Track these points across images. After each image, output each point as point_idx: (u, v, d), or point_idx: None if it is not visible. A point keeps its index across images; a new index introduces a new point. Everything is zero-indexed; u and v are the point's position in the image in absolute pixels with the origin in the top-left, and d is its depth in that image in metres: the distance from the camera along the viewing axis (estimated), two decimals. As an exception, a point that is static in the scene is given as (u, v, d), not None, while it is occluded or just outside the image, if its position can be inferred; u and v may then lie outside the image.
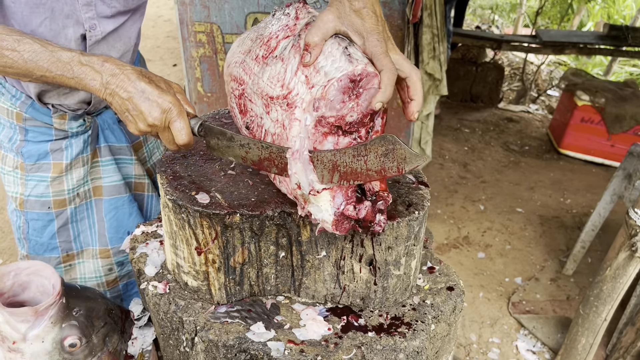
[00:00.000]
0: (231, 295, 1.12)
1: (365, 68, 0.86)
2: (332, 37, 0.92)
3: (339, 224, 0.94)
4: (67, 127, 1.40)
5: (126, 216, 1.56)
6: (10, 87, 1.35)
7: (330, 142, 0.91)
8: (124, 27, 1.33)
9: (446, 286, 1.20)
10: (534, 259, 3.15)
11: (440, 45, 2.94)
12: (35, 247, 1.49)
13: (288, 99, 0.94)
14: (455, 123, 5.01)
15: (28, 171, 1.42)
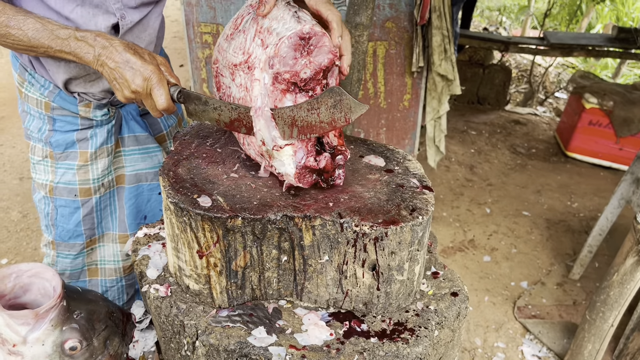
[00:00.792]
0: (233, 299, 1.11)
1: (312, 27, 0.98)
2: (284, 5, 1.03)
3: (302, 177, 1.06)
4: (92, 115, 1.47)
5: (144, 202, 1.63)
6: (39, 77, 1.43)
7: (289, 100, 1.02)
8: (148, 18, 1.41)
9: (450, 292, 1.18)
10: (540, 263, 3.12)
11: (451, 45, 2.93)
12: (61, 233, 1.56)
13: (248, 63, 1.05)
14: (461, 125, 4.98)
15: (57, 159, 1.50)
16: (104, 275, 1.64)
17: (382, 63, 3.06)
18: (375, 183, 1.14)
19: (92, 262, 1.63)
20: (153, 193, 1.62)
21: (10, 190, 3.49)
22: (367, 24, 1.85)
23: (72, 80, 1.41)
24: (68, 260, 1.58)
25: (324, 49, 0.99)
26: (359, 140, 1.32)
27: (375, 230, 1.00)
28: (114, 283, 1.66)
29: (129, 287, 1.68)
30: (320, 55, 0.99)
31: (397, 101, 3.16)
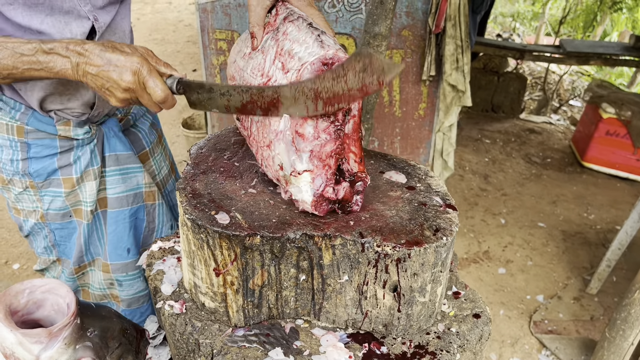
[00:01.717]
0: (249, 318, 1.08)
1: (336, 53, 0.93)
2: (306, 26, 0.99)
3: (318, 205, 1.01)
4: (73, 134, 1.37)
5: (126, 232, 1.52)
6: (7, 99, 1.32)
7: (310, 125, 0.96)
8: (115, 19, 1.34)
9: (472, 313, 1.15)
10: (556, 277, 3.06)
11: (464, 56, 2.89)
12: (64, 250, 1.50)
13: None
14: (476, 133, 4.94)
15: (40, 188, 1.40)
16: (94, 299, 1.58)
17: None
18: (397, 201, 1.10)
19: (84, 284, 1.58)
20: (136, 218, 1.53)
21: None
22: (386, 34, 1.83)
23: (48, 97, 1.30)
24: (64, 278, 1.53)
25: None
26: (379, 155, 1.29)
27: (398, 251, 0.97)
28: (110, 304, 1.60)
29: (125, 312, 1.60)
30: None
31: (412, 110, 3.12)
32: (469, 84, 2.98)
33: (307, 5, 1.09)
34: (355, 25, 2.90)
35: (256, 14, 1.08)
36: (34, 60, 1.07)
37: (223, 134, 1.33)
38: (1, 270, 2.84)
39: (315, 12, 1.09)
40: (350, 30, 2.92)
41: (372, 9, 1.83)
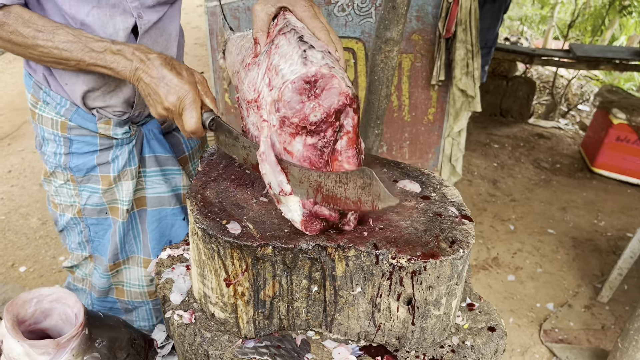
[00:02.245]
0: (259, 329, 1.06)
1: (319, 70, 0.90)
2: (295, 40, 0.96)
3: (308, 224, 0.97)
4: (112, 133, 1.41)
5: (169, 228, 1.56)
6: (54, 95, 1.36)
7: (298, 142, 0.94)
8: (163, 20, 1.37)
9: (487, 326, 1.12)
10: (566, 284, 3.03)
11: (474, 61, 2.86)
12: (98, 247, 1.53)
13: (257, 102, 0.99)
14: (484, 138, 4.90)
15: (79, 183, 1.45)
16: (129, 297, 1.60)
17: (407, 76, 3.00)
18: (412, 211, 1.08)
19: (118, 282, 1.60)
20: (177, 218, 1.56)
21: (30, 196, 3.49)
22: (398, 39, 1.80)
23: (91, 94, 1.35)
24: (98, 275, 1.55)
25: (333, 91, 0.91)
26: (392, 163, 1.26)
27: (413, 264, 0.95)
28: (141, 304, 1.62)
29: (157, 312, 1.63)
30: (330, 97, 0.91)
31: (422, 115, 3.10)
32: (478, 89, 2.96)
33: (312, 17, 1.04)
34: (364, 29, 2.88)
35: (260, 19, 1.05)
36: (102, 58, 1.16)
37: (234, 141, 1.31)
38: (8, 273, 2.83)
39: (319, 25, 1.04)
40: (359, 34, 2.90)
41: (384, 13, 1.81)
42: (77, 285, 1.63)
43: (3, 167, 3.81)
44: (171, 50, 1.43)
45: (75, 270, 1.61)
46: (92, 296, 1.59)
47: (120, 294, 1.61)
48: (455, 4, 2.75)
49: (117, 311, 1.63)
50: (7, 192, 3.53)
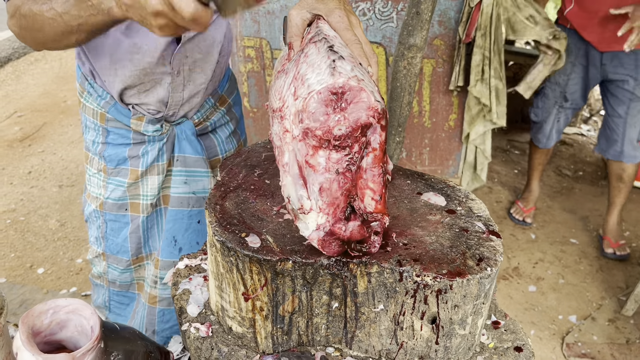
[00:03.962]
0: (278, 345, 1.03)
1: (347, 82, 0.85)
2: (325, 50, 0.93)
3: (326, 244, 0.92)
4: (143, 129, 1.46)
5: (182, 231, 1.56)
6: (97, 87, 1.45)
7: (322, 157, 0.88)
8: (209, 28, 1.31)
9: (513, 346, 1.08)
10: (590, 296, 2.95)
11: (490, 68, 2.80)
12: (110, 246, 1.56)
13: (282, 112, 0.94)
14: (504, 144, 4.82)
15: (109, 174, 1.51)
16: (144, 297, 1.61)
17: (428, 81, 2.96)
18: (437, 226, 1.04)
19: (140, 277, 1.62)
20: (192, 221, 1.56)
21: (49, 197, 3.51)
22: (421, 45, 1.77)
23: (127, 91, 1.41)
24: (117, 273, 1.58)
25: (361, 105, 0.86)
26: (415, 175, 1.23)
27: (439, 282, 0.91)
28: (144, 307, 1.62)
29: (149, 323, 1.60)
30: (356, 111, 0.87)
31: (443, 121, 3.05)
32: (496, 99, 2.87)
33: (346, 29, 1.01)
34: (385, 34, 2.84)
35: (294, 24, 1.05)
36: (90, 4, 1.05)
37: (253, 149, 1.28)
38: (26, 275, 2.85)
39: (352, 38, 1.00)
40: (380, 39, 2.87)
41: (408, 19, 1.77)
42: (96, 281, 1.66)
43: (23, 169, 3.85)
44: (212, 55, 1.44)
45: (92, 267, 1.64)
46: (111, 291, 1.61)
47: (140, 289, 1.63)
48: (477, 9, 2.70)
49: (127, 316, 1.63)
50: (26, 193, 3.56)
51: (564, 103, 3.37)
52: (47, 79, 5.46)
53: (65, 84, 5.37)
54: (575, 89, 3.30)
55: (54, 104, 4.94)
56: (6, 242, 3.10)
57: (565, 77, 3.30)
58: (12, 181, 3.69)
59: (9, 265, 2.91)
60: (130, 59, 1.35)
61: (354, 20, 1.03)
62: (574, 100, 3.35)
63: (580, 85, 3.30)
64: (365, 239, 0.92)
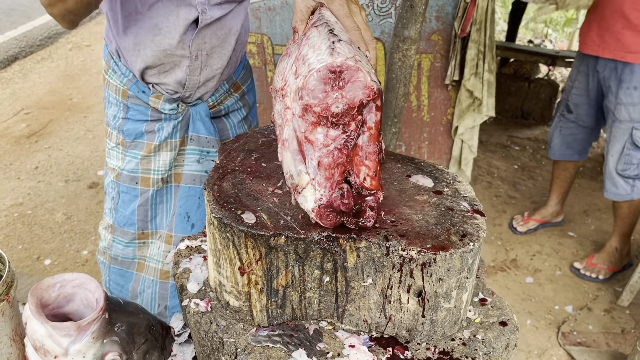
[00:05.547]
0: (272, 318, 1.08)
1: (345, 61, 0.91)
2: (326, 32, 0.99)
3: (323, 216, 0.98)
4: (160, 107, 1.55)
5: (194, 207, 1.66)
6: (122, 65, 1.55)
7: (320, 133, 0.94)
8: (227, 17, 1.47)
9: (499, 320, 1.13)
10: (586, 287, 3.00)
11: (484, 62, 2.84)
12: (119, 218, 1.65)
13: (284, 90, 1.01)
14: (505, 140, 4.87)
15: (127, 147, 1.60)
16: (146, 273, 1.69)
17: (426, 76, 3.01)
18: (424, 205, 1.10)
19: (142, 256, 1.69)
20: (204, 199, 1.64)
21: (55, 192, 3.58)
22: (416, 37, 1.82)
23: (148, 70, 1.51)
24: (120, 247, 1.65)
25: (358, 84, 0.92)
26: (406, 159, 1.28)
27: (423, 256, 0.96)
28: (150, 285, 1.68)
29: (161, 299, 1.69)
30: (353, 90, 0.92)
31: (441, 115, 3.10)
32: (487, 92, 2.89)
33: (346, 16, 1.07)
34: (384, 29, 2.89)
35: (299, 10, 1.12)
36: None
37: (251, 135, 1.34)
38: (33, 266, 2.92)
39: (352, 25, 1.06)
40: (379, 34, 2.92)
41: (402, 12, 1.83)
42: (100, 258, 1.72)
43: (30, 164, 3.92)
44: (228, 43, 1.53)
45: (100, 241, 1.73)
46: (112, 269, 1.68)
47: (140, 269, 1.70)
48: (472, 4, 2.75)
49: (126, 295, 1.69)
50: (33, 187, 3.63)
51: (565, 113, 3.14)
52: (53, 77, 5.54)
53: (71, 82, 5.45)
54: (578, 100, 3.04)
55: (60, 101, 5.01)
56: (14, 234, 3.17)
57: (570, 84, 3.10)
58: (20, 176, 3.76)
59: (17, 256, 2.98)
60: (152, 39, 1.44)
61: (354, 8, 1.09)
62: (578, 114, 3.07)
63: (585, 99, 3.00)
64: (361, 213, 0.97)
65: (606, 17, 2.70)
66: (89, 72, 5.73)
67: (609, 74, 2.76)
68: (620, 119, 2.73)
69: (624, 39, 2.62)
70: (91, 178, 3.75)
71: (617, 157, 2.81)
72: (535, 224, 3.48)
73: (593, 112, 3.02)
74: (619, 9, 2.62)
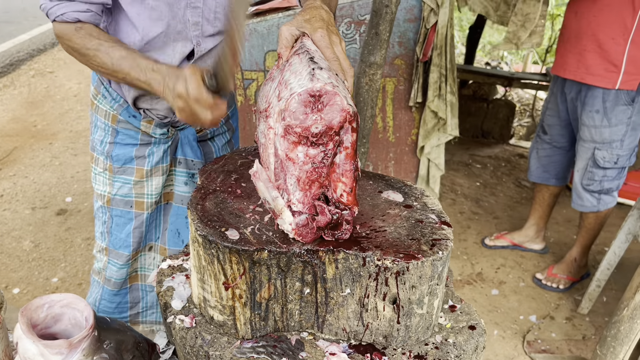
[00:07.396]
0: (256, 330, 1.14)
1: (324, 86, 1.00)
2: (307, 60, 1.08)
3: (302, 234, 1.06)
4: (152, 132, 1.60)
5: (183, 226, 1.73)
6: (112, 91, 1.58)
7: (301, 152, 1.02)
8: (217, 47, 1.53)
9: (468, 325, 1.21)
10: (548, 297, 3.13)
11: (447, 84, 2.99)
12: (114, 241, 1.68)
13: (267, 112, 1.09)
14: (466, 158, 5.04)
15: (115, 173, 1.63)
16: (142, 281, 1.74)
17: (390, 98, 3.14)
18: (395, 218, 1.18)
19: (133, 270, 1.74)
20: None
21: (22, 220, 3.53)
22: (381, 63, 1.93)
23: (141, 97, 1.55)
24: (115, 269, 1.69)
25: (335, 107, 1.00)
26: (377, 176, 1.37)
27: (397, 265, 1.04)
28: (152, 289, 1.73)
29: None
30: (331, 112, 1.00)
31: (406, 135, 3.22)
32: (451, 112, 3.04)
33: (326, 47, 1.15)
34: (349, 54, 3.02)
35: (284, 38, 1.20)
36: (144, 74, 1.29)
37: (230, 157, 1.40)
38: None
39: (331, 56, 1.14)
40: (344, 59, 3.03)
41: (368, 39, 1.94)
42: (95, 278, 1.75)
43: (-6, 192, 3.86)
44: None
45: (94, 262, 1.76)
46: (105, 290, 1.71)
47: (134, 279, 1.76)
48: (433, 30, 2.90)
49: (124, 307, 1.72)
50: (-2, 216, 3.57)
51: (541, 134, 3.23)
52: (16, 104, 5.46)
53: (35, 109, 5.39)
54: (551, 121, 3.12)
55: (24, 128, 4.95)
56: (-21, 264, 3.10)
57: (545, 105, 3.20)
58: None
59: (-17, 286, 2.92)
60: None
61: (334, 39, 1.18)
62: (552, 135, 3.15)
63: (557, 120, 3.09)
64: (338, 226, 1.05)
65: (571, 39, 2.84)
66: (53, 98, 5.68)
67: (575, 96, 2.90)
68: (584, 138, 2.88)
69: (585, 61, 2.75)
70: (59, 205, 3.71)
71: (582, 173, 2.97)
72: (506, 243, 3.57)
73: (566, 133, 3.11)
74: (589, 33, 2.72)
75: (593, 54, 2.71)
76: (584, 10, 2.72)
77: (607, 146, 2.81)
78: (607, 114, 2.74)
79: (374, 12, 1.87)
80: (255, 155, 1.41)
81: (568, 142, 3.15)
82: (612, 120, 2.74)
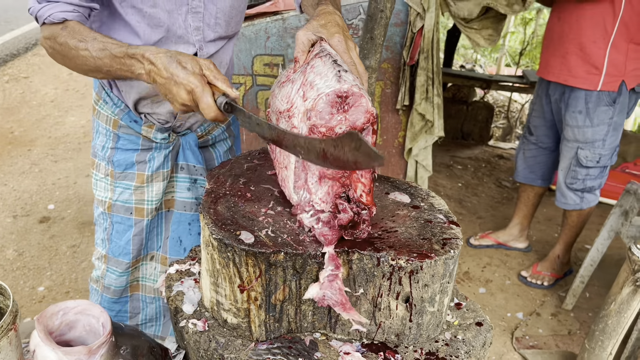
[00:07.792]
0: (270, 332, 1.14)
1: (350, 88, 1.02)
2: (331, 63, 1.09)
3: (324, 233, 1.08)
4: (153, 137, 1.59)
5: (185, 233, 1.71)
6: (113, 96, 1.58)
7: None
8: (219, 52, 1.54)
9: (475, 322, 1.24)
10: (533, 294, 3.20)
11: (434, 87, 3.04)
12: (113, 249, 1.66)
13: (290, 112, 1.10)
14: (447, 160, 5.12)
15: (116, 179, 1.62)
16: (144, 291, 1.72)
17: (377, 102, 3.17)
18: (405, 219, 1.20)
19: (134, 279, 1.73)
20: (194, 225, 1.70)
21: (4, 228, 3.45)
22: (375, 67, 1.96)
23: (142, 101, 1.54)
24: (114, 277, 1.66)
25: (360, 108, 1.03)
26: (382, 178, 1.39)
27: (411, 264, 1.06)
28: (152, 301, 1.71)
29: (166, 310, 1.74)
30: (356, 114, 1.03)
31: (392, 138, 3.26)
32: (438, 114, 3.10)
33: (344, 51, 1.17)
34: (336, 58, 3.04)
35: (301, 42, 1.22)
36: (122, 62, 1.23)
37: (236, 161, 1.41)
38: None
39: (348, 60, 1.17)
40: (331, 63, 3.06)
41: (363, 44, 1.97)
42: (93, 286, 1.73)
43: (-28, 201, 3.76)
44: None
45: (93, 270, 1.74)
46: (104, 297, 1.69)
47: (135, 289, 1.74)
48: (419, 34, 2.95)
49: (124, 316, 1.71)
50: (-22, 225, 3.48)
51: (527, 135, 3.31)
52: (-9, 111, 5.34)
53: (11, 115, 5.27)
54: (537, 122, 3.21)
55: (1, 135, 4.84)
56: (-39, 275, 3.03)
57: (531, 106, 3.29)
58: (-38, 214, 3.60)
59: (-34, 297, 2.84)
60: None
61: (350, 44, 1.21)
62: (538, 136, 3.24)
63: (542, 121, 3.17)
64: (357, 226, 1.07)
65: (554, 43, 2.93)
66: (29, 104, 5.57)
67: (559, 97, 2.99)
68: (568, 138, 2.98)
69: (568, 63, 2.84)
70: (41, 212, 3.64)
71: (566, 172, 3.07)
72: (491, 242, 3.64)
73: (551, 134, 3.19)
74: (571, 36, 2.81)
75: (575, 57, 2.80)
76: (567, 15, 2.81)
77: (590, 146, 2.90)
78: (589, 114, 2.82)
79: (369, 17, 1.90)
80: (260, 159, 1.42)
81: (553, 143, 3.23)
82: (594, 121, 2.83)
